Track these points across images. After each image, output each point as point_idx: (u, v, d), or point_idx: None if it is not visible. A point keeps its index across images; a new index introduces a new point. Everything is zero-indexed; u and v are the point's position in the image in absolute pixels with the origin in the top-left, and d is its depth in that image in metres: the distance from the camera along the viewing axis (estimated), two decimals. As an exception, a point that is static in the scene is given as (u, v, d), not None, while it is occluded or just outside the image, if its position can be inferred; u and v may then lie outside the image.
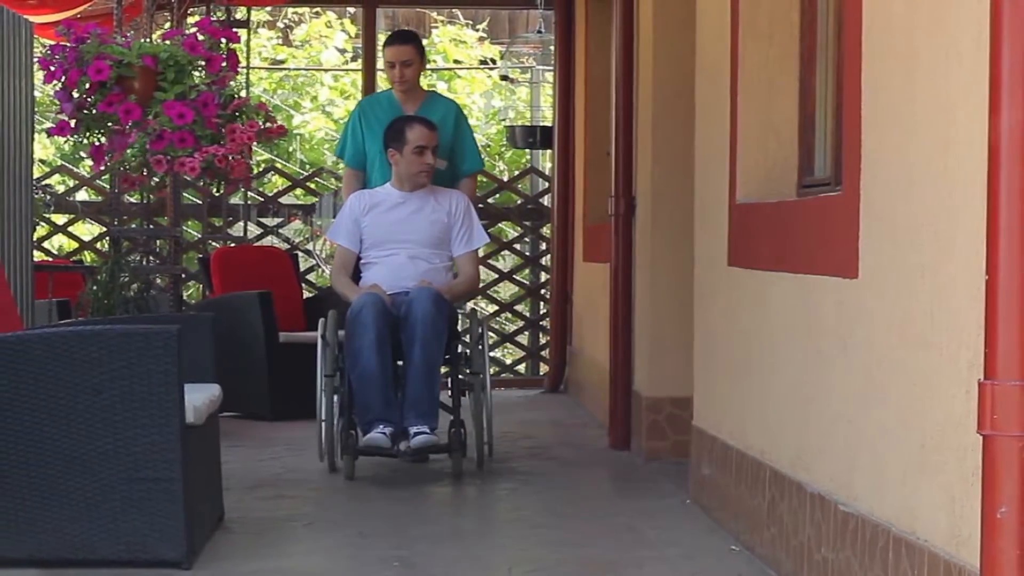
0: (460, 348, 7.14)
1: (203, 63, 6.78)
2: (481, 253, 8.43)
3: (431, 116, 7.21)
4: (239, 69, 7.27)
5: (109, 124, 6.66)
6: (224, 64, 6.73)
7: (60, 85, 6.62)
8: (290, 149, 15.84)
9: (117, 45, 6.64)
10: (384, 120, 7.24)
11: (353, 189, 7.34)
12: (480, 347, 6.99)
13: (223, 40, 7.07)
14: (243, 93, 7.87)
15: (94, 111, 6.68)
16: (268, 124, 7.11)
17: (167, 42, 6.83)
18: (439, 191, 7.16)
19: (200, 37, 6.84)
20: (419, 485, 6.76)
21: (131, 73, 6.61)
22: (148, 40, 7.42)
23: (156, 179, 7.15)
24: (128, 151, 6.79)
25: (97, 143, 6.80)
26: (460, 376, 7.05)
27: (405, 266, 6.96)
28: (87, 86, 6.62)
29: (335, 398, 6.82)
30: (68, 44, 6.58)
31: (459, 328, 7.25)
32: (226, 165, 6.72)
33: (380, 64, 11.89)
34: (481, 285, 9.94)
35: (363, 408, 6.62)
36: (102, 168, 7.32)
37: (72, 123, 6.64)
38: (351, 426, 6.75)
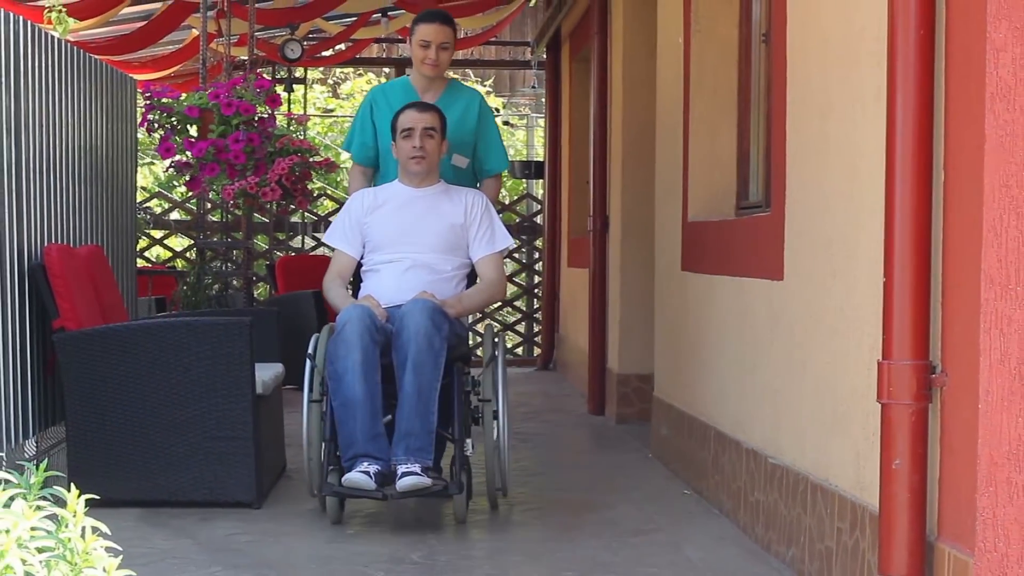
0: (469, 370, 4.93)
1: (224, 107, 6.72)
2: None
3: (452, 106, 5.20)
4: (279, 111, 7.20)
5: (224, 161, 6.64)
6: (237, 108, 6.61)
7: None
8: (338, 179, 15.83)
9: (169, 99, 6.63)
10: None
11: (359, 186, 5.24)
12: (493, 369, 4.78)
13: (275, 89, 7.03)
14: (299, 135, 7.83)
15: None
16: (316, 158, 7.08)
17: (196, 93, 6.77)
18: (454, 189, 5.03)
19: (256, 90, 6.80)
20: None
21: (191, 119, 6.59)
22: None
23: (270, 201, 7.08)
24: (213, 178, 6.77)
25: (192, 177, 6.80)
26: (470, 403, 4.86)
27: (407, 275, 4.85)
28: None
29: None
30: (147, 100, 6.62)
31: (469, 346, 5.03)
32: (256, 191, 6.66)
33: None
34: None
35: (346, 441, 4.53)
36: (198, 193, 7.37)
37: (185, 158, 6.65)
38: (334, 462, 4.61)
